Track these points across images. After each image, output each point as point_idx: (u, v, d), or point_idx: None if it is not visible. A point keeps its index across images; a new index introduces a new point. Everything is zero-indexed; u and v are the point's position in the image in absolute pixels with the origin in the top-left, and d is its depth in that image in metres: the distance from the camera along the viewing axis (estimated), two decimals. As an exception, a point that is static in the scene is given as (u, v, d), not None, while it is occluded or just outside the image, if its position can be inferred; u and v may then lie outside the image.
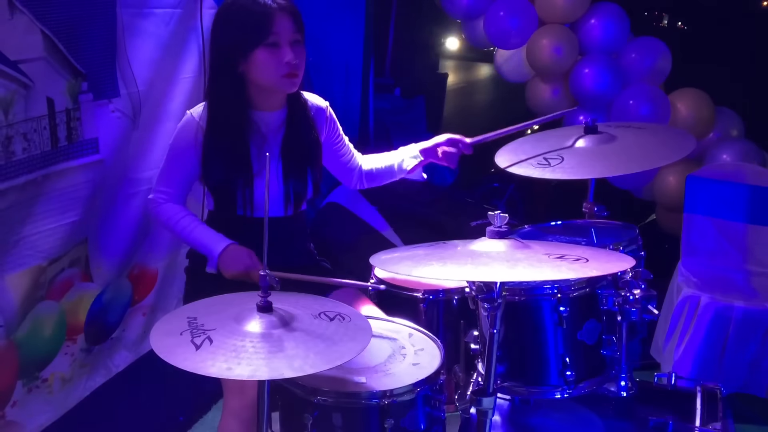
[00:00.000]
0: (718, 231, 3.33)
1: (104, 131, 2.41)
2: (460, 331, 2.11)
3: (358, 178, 2.46)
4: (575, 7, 3.98)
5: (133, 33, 2.50)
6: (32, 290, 2.22)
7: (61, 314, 2.37)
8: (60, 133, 2.22)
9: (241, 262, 2.08)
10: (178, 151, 2.19)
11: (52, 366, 2.36)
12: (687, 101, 3.92)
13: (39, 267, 2.23)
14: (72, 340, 2.43)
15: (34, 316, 2.25)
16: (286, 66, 2.09)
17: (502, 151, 2.36)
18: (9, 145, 2.04)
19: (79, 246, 2.40)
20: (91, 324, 2.51)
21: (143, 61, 2.56)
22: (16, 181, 2.08)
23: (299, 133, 2.23)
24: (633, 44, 3.99)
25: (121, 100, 2.48)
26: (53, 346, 2.36)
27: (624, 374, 2.13)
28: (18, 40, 2.03)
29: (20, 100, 2.05)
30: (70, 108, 2.26)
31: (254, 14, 2.06)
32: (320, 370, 1.50)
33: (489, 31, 4.14)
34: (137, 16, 2.51)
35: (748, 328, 2.94)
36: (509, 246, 1.67)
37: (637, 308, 1.98)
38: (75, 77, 2.27)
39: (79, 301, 2.45)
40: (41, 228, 2.21)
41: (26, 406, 2.26)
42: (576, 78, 3.96)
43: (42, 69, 2.12)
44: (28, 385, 2.27)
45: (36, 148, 2.14)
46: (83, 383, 2.52)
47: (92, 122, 2.36)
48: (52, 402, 2.38)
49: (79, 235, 2.38)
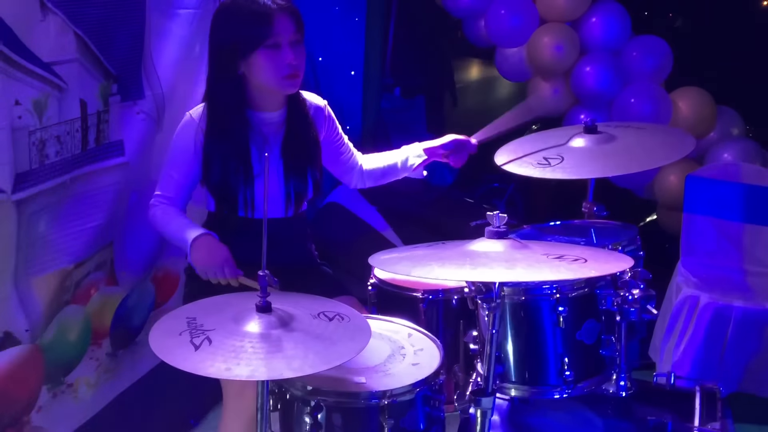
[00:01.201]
0: (718, 231, 3.33)
1: (129, 133, 2.37)
2: (459, 331, 2.11)
3: (359, 177, 2.46)
4: (576, 5, 3.97)
5: (158, 34, 2.47)
6: (58, 294, 2.19)
7: (87, 318, 2.33)
8: (90, 136, 2.19)
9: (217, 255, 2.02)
10: (178, 153, 2.18)
11: (77, 371, 2.32)
12: (688, 100, 3.91)
13: (65, 270, 2.20)
14: (97, 344, 2.40)
15: (60, 320, 2.20)
16: (287, 67, 2.09)
17: (501, 151, 2.36)
18: (43, 149, 2.00)
19: (105, 249, 2.36)
20: (117, 328, 2.48)
21: (167, 63, 2.53)
22: (47, 185, 2.05)
23: (299, 132, 2.23)
24: (634, 42, 3.98)
25: (146, 102, 2.45)
26: (78, 350, 2.33)
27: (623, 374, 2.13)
28: (51, 42, 1.99)
29: (54, 102, 2.02)
30: (101, 110, 2.23)
31: (254, 15, 2.05)
32: (319, 371, 1.50)
33: (490, 29, 4.13)
34: (163, 17, 2.48)
35: (748, 328, 2.94)
36: (508, 246, 1.67)
37: (636, 308, 1.98)
38: (107, 79, 2.24)
39: (104, 306, 2.41)
40: (68, 231, 2.18)
41: (51, 411, 2.22)
42: (577, 76, 3.96)
43: (75, 71, 2.09)
44: (53, 390, 2.23)
45: (67, 151, 2.10)
46: (108, 388, 2.49)
47: (119, 124, 2.33)
48: (78, 407, 2.34)
49: (104, 238, 2.34)
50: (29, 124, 1.95)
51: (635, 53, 3.95)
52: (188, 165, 2.17)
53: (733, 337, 2.95)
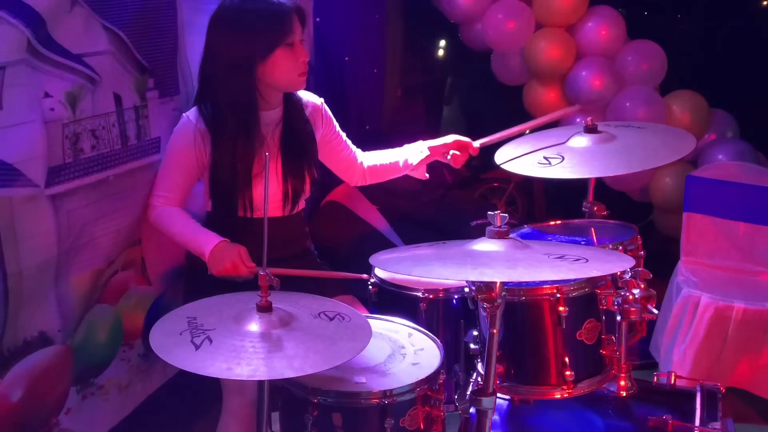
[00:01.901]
0: (718, 230, 3.33)
1: (166, 130, 2.33)
2: (459, 330, 2.11)
3: (360, 174, 2.46)
4: (573, 10, 4.00)
5: (191, 29, 2.43)
6: (90, 293, 2.15)
7: (117, 318, 2.29)
8: (129, 131, 2.16)
9: (228, 258, 2.05)
10: (176, 154, 2.18)
11: (108, 372, 2.27)
12: (682, 103, 3.94)
13: (99, 270, 2.16)
14: (129, 345, 2.35)
15: (89, 320, 2.16)
16: (303, 64, 2.11)
17: (502, 151, 2.37)
18: (77, 143, 1.96)
19: (132, 248, 2.33)
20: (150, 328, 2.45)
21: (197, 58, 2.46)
22: (85, 180, 2.00)
23: (296, 131, 2.23)
24: (629, 47, 4.00)
25: (181, 98, 2.42)
26: (109, 351, 2.28)
27: (623, 374, 2.13)
28: (80, 34, 1.95)
29: (87, 94, 1.98)
30: (138, 105, 2.19)
31: (274, 15, 2.07)
32: (320, 370, 1.50)
33: (487, 33, 4.14)
34: (195, 12, 2.44)
35: (748, 328, 2.94)
36: (509, 246, 1.67)
37: (636, 308, 1.98)
38: (142, 73, 2.21)
39: (136, 305, 2.36)
40: (107, 229, 2.14)
41: (81, 413, 2.17)
42: (573, 80, 3.98)
43: (108, 63, 2.05)
44: (82, 392, 2.18)
45: (105, 146, 2.07)
46: (140, 389, 2.44)
47: (157, 120, 2.29)
48: (109, 409, 2.29)
49: (132, 236, 2.30)
50: (62, 116, 1.90)
51: (630, 57, 3.97)
52: (188, 166, 2.17)
53: (733, 337, 2.95)
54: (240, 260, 2.04)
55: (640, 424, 2.04)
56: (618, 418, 2.10)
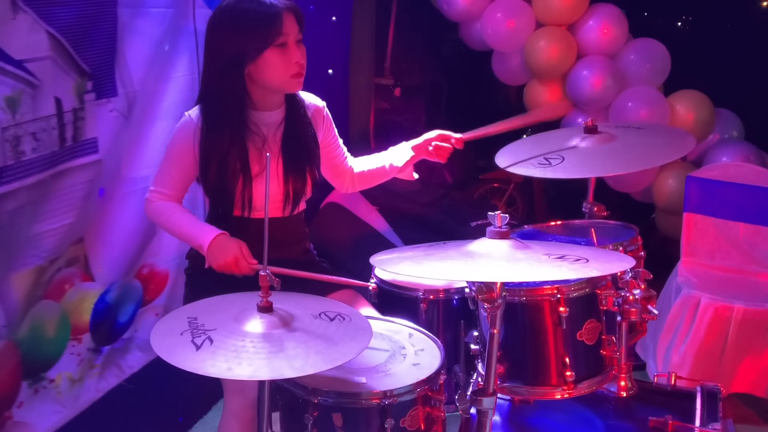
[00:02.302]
0: (718, 231, 3.33)
1: (103, 131, 2.41)
2: (460, 331, 2.11)
3: (350, 181, 2.46)
4: (573, 8, 3.97)
5: (131, 32, 2.50)
6: (33, 290, 2.22)
7: (63, 314, 2.36)
8: (67, 133, 2.22)
9: (230, 252, 2.04)
10: (176, 151, 2.18)
11: (58, 366, 2.34)
12: (686, 103, 3.91)
13: (41, 267, 2.23)
14: (77, 339, 2.42)
15: (33, 315, 2.24)
16: (296, 66, 2.10)
17: (502, 152, 2.36)
18: (18, 145, 2.03)
19: (76, 245, 2.40)
20: (98, 324, 2.50)
21: (139, 61, 2.56)
22: (26, 181, 2.07)
23: (298, 132, 2.23)
24: (631, 46, 3.98)
25: (119, 100, 2.49)
26: (57, 346, 2.35)
27: (624, 374, 2.13)
28: (22, 40, 2.01)
29: (27, 99, 2.05)
30: (76, 108, 2.26)
31: (264, 15, 2.05)
32: (321, 370, 1.50)
33: (486, 33, 4.13)
34: (135, 16, 2.52)
35: (748, 328, 2.94)
36: (509, 246, 1.67)
37: (636, 308, 1.98)
38: (81, 76, 2.27)
39: (81, 301, 2.44)
40: (45, 228, 2.22)
41: (34, 406, 2.25)
42: (574, 80, 3.96)
43: (49, 68, 2.12)
44: (34, 386, 2.26)
45: (46, 148, 2.13)
46: (95, 384, 2.51)
47: (94, 122, 2.36)
48: (62, 402, 2.36)
49: (74, 234, 2.38)
50: (2, 120, 1.97)
51: (633, 56, 3.93)
52: (186, 164, 2.16)
53: (733, 338, 2.95)
54: (241, 254, 2.04)
55: (640, 424, 2.04)
56: (618, 418, 2.10)
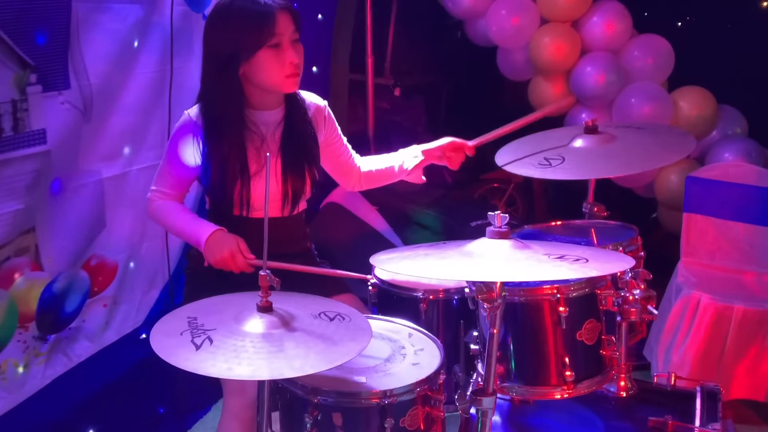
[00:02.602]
0: (718, 231, 3.33)
1: (53, 122, 2.42)
2: (459, 331, 2.11)
3: (357, 179, 2.46)
4: (577, 4, 3.98)
5: (88, 27, 2.50)
6: None
7: (11, 302, 2.38)
8: (5, 124, 2.24)
9: (226, 247, 2.05)
10: (176, 151, 2.18)
11: (5, 353, 2.37)
12: (689, 99, 3.91)
13: None
14: (24, 327, 2.45)
15: None
16: (290, 66, 2.09)
17: (502, 151, 2.36)
18: None
19: (27, 235, 2.41)
20: (44, 312, 2.52)
21: (98, 55, 2.56)
22: None
23: (297, 131, 2.23)
24: (635, 42, 3.98)
25: (72, 92, 2.49)
26: (5, 332, 2.38)
27: (624, 374, 2.13)
28: None
29: None
30: (17, 99, 2.27)
31: (256, 15, 2.04)
32: (320, 370, 1.50)
33: (491, 29, 4.13)
34: (94, 11, 2.52)
35: (748, 329, 2.94)
36: (509, 246, 1.67)
37: (636, 308, 1.98)
38: (23, 69, 2.28)
39: (29, 290, 2.46)
40: None
41: None
42: (578, 76, 3.96)
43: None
44: None
45: None
46: (41, 372, 2.53)
47: (41, 113, 2.37)
48: (7, 389, 2.39)
49: (24, 224, 2.39)
50: None
51: (636, 52, 3.94)
52: (186, 163, 2.17)
53: (733, 338, 2.95)
54: (238, 250, 2.04)
55: (640, 424, 2.04)
56: (618, 418, 2.10)
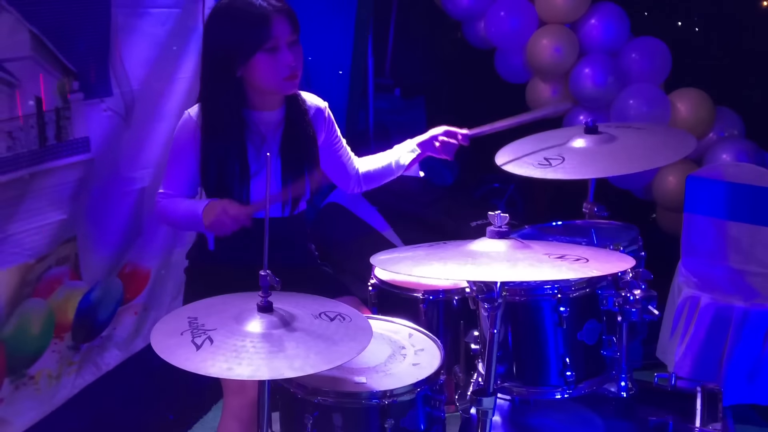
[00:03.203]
0: (718, 231, 3.33)
1: (95, 130, 2.41)
2: (460, 331, 2.11)
3: (356, 181, 2.46)
4: (575, 7, 3.98)
5: (127, 32, 2.49)
6: (19, 288, 2.22)
7: (50, 312, 2.37)
8: (49, 132, 2.22)
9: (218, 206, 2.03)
10: (178, 151, 2.18)
11: (39, 363, 2.35)
12: (687, 101, 3.91)
13: (26, 265, 2.23)
14: (59, 337, 2.43)
15: (21, 313, 2.25)
16: (286, 69, 2.09)
17: (502, 151, 2.36)
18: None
19: (68, 244, 2.40)
20: (79, 322, 2.51)
21: (138, 61, 2.55)
22: (1, 179, 2.08)
23: (297, 132, 2.23)
24: (633, 44, 3.99)
25: (114, 99, 2.48)
26: (41, 343, 2.36)
27: (624, 374, 2.13)
28: (3, 40, 2.03)
29: (4, 98, 2.06)
30: (60, 107, 2.25)
31: (252, 19, 2.04)
32: (320, 370, 1.50)
33: (489, 31, 4.14)
34: (132, 16, 2.51)
35: (748, 329, 2.94)
36: (509, 246, 1.67)
37: (637, 308, 1.98)
38: (66, 76, 2.27)
39: (67, 299, 2.45)
40: (28, 226, 2.21)
41: (13, 403, 2.26)
42: (576, 78, 3.96)
43: (29, 68, 2.12)
44: (15, 383, 2.26)
45: (22, 147, 2.13)
46: (71, 381, 2.52)
47: (83, 121, 2.36)
48: (40, 399, 2.37)
49: (67, 233, 2.37)
50: None
51: (634, 54, 3.95)
52: (188, 163, 2.17)
53: (734, 338, 2.95)
54: (229, 204, 2.03)
55: (640, 424, 2.04)
56: (618, 418, 2.10)
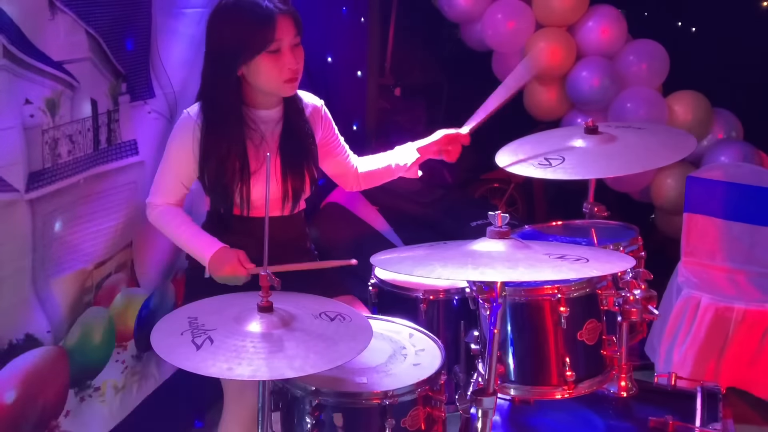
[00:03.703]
0: (718, 231, 3.33)
1: (142, 132, 2.37)
2: (460, 331, 2.11)
3: (355, 179, 2.45)
4: (573, 9, 3.98)
5: (165, 33, 2.46)
6: (79, 295, 2.17)
7: (110, 320, 2.32)
8: (101, 135, 2.19)
9: (227, 262, 2.04)
10: (177, 150, 2.17)
11: (103, 374, 2.31)
12: (684, 103, 3.92)
13: (84, 271, 2.18)
14: (122, 346, 2.39)
15: (83, 322, 2.19)
16: (288, 72, 2.09)
17: (502, 151, 2.36)
18: (56, 148, 2.00)
19: (125, 250, 2.35)
20: (141, 330, 2.46)
21: (176, 62, 2.52)
22: (61, 184, 2.04)
23: (296, 130, 2.22)
24: (630, 46, 3.99)
25: (157, 101, 2.45)
26: (104, 353, 2.32)
27: (624, 374, 2.13)
28: (62, 41, 1.98)
29: (66, 101, 2.01)
30: (111, 110, 2.22)
31: (257, 19, 2.03)
32: (321, 371, 1.50)
33: (486, 33, 4.14)
34: (169, 17, 2.48)
35: (748, 329, 2.94)
36: (510, 246, 1.67)
37: (637, 308, 1.98)
38: (116, 78, 2.24)
39: (127, 307, 2.40)
40: (84, 231, 2.16)
41: (80, 416, 2.21)
42: (573, 81, 3.97)
43: (87, 69, 2.09)
44: (80, 394, 2.22)
45: (80, 151, 2.10)
46: (134, 392, 2.47)
47: (130, 124, 2.32)
48: (106, 411, 2.33)
49: (124, 238, 2.33)
50: (42, 122, 1.93)
51: (631, 57, 3.95)
52: (187, 162, 2.16)
53: (733, 338, 2.95)
54: (238, 263, 2.04)
55: (640, 424, 2.04)
56: (618, 418, 2.11)
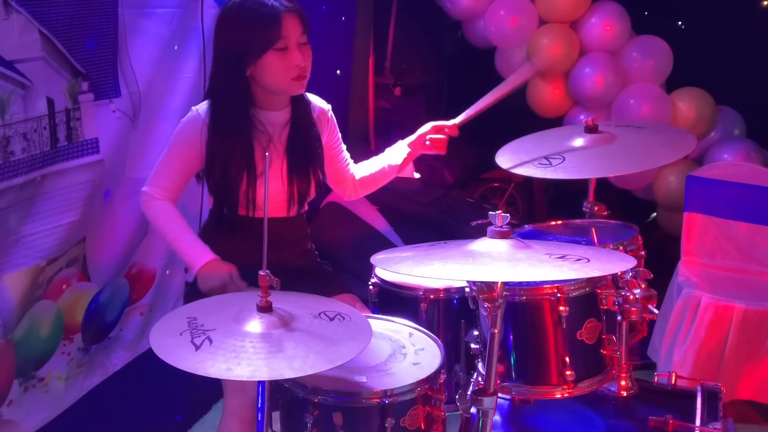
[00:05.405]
0: (719, 230, 3.33)
1: (105, 131, 2.40)
2: (460, 330, 2.11)
3: (352, 187, 2.45)
4: (576, 5, 3.98)
5: (135, 33, 2.49)
6: (30, 290, 2.22)
7: (59, 314, 2.37)
8: (60, 133, 2.22)
9: (218, 277, 2.04)
10: (181, 146, 2.17)
11: (48, 365, 2.35)
12: (688, 100, 3.91)
13: (38, 267, 2.23)
14: (69, 339, 2.43)
15: (32, 315, 2.24)
16: (296, 69, 2.09)
17: (502, 151, 2.36)
18: (7, 146, 2.03)
19: (78, 246, 2.39)
20: (89, 323, 2.51)
21: (144, 61, 2.55)
22: (14, 181, 2.07)
23: (303, 132, 2.23)
24: (634, 43, 3.98)
25: (122, 100, 2.48)
26: (50, 345, 2.36)
27: (624, 374, 2.13)
28: (14, 40, 2.02)
29: (18, 99, 2.05)
30: (70, 108, 2.25)
31: (263, 18, 2.04)
32: (320, 370, 1.50)
33: (489, 30, 4.13)
34: (139, 16, 2.51)
35: (749, 328, 2.94)
36: (510, 246, 1.67)
37: (637, 308, 1.98)
38: (75, 77, 2.26)
39: (76, 301, 2.44)
40: (40, 228, 2.21)
41: (22, 405, 2.26)
42: (576, 77, 3.96)
43: (41, 69, 2.12)
44: (24, 384, 2.26)
45: (36, 148, 2.13)
46: (80, 382, 2.52)
47: (93, 122, 2.35)
48: (49, 401, 2.37)
49: (77, 235, 2.37)
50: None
51: (635, 53, 3.94)
52: (190, 158, 2.16)
53: (733, 338, 2.95)
54: (230, 279, 2.04)
55: (640, 424, 2.04)
56: (618, 418, 2.10)
